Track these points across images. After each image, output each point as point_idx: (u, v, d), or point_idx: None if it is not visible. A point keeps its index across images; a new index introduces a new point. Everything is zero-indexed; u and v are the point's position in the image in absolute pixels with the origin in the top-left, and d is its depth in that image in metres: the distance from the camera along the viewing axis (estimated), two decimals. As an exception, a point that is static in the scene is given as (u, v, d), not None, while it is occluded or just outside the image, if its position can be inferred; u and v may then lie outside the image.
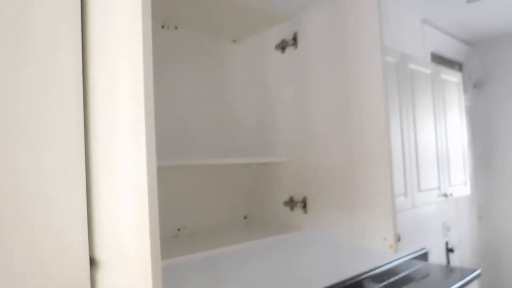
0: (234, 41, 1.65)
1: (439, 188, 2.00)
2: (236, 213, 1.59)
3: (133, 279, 0.73)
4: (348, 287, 2.07)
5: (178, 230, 1.42)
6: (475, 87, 3.55)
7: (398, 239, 1.05)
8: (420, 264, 2.59)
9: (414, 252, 2.62)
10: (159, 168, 1.36)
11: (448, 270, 2.47)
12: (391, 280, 2.24)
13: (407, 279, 2.26)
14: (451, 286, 2.09)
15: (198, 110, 1.52)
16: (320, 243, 1.93)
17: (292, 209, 1.41)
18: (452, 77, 2.34)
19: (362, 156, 1.17)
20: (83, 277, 0.81)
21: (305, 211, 1.36)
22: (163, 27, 1.43)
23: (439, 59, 3.28)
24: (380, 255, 2.34)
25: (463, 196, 3.21)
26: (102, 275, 0.81)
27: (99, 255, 0.82)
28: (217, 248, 1.19)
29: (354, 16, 1.18)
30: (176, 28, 1.47)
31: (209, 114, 1.55)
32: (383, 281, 2.22)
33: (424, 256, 2.70)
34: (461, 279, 2.21)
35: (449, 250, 3.02)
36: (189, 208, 1.46)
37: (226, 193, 1.56)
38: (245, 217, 1.61)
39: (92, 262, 0.83)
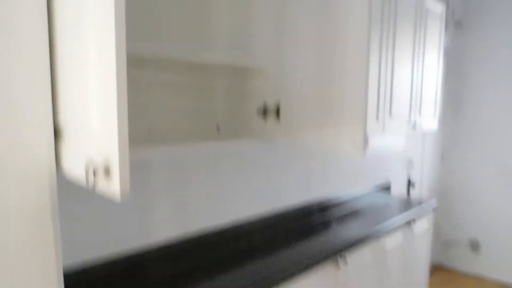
0: None
1: (409, 115, 2.04)
2: (208, 122, 1.56)
3: (100, 146, 0.71)
4: (314, 211, 2.15)
5: (149, 134, 1.40)
6: (456, 25, 3.54)
7: (367, 142, 1.07)
8: (384, 196, 2.72)
9: (380, 185, 2.75)
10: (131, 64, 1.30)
11: (408, 201, 2.61)
12: (354, 208, 2.35)
13: (369, 207, 2.36)
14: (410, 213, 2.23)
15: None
16: (292, 160, 1.96)
17: (265, 117, 1.40)
18: (436, 8, 2.31)
19: (341, 68, 1.16)
20: (47, 149, 0.78)
21: (278, 120, 1.36)
22: None
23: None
24: (347, 185, 2.42)
25: (430, 132, 3.32)
26: (67, 146, 0.79)
27: (64, 123, 0.79)
28: (185, 145, 1.18)
29: None
30: None
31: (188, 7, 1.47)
32: (346, 208, 2.32)
33: (387, 188, 2.84)
34: (419, 207, 2.35)
35: (410, 184, 3.17)
36: (160, 113, 1.43)
37: (199, 101, 1.53)
38: (217, 127, 1.59)
39: (57, 133, 0.80)
